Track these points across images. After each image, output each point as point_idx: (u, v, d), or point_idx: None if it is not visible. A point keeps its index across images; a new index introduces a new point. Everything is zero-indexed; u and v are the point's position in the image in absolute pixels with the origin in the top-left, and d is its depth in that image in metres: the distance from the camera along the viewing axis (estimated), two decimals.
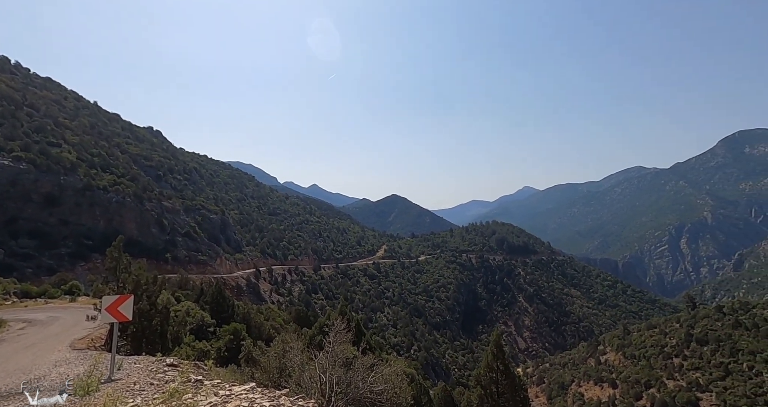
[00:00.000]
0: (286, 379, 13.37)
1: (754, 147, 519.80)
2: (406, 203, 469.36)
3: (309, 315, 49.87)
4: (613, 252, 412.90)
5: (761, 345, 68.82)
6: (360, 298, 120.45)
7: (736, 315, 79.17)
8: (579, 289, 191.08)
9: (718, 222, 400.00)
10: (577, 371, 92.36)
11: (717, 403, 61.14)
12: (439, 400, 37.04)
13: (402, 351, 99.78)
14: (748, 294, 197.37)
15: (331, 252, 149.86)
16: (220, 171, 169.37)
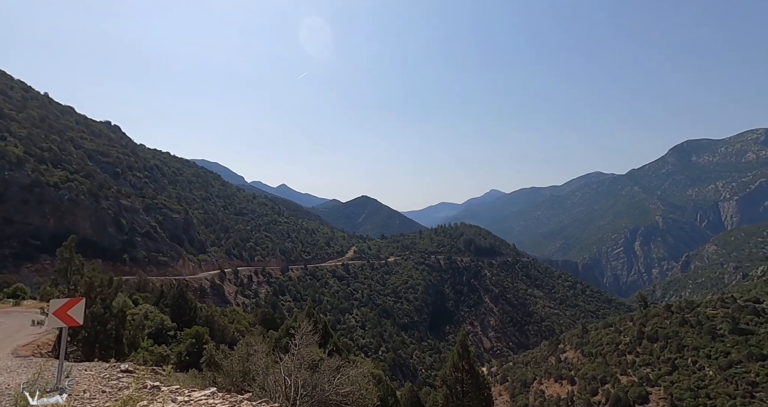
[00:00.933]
0: (250, 383, 13.06)
1: (700, 156, 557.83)
2: (376, 204, 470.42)
3: (275, 318, 48.89)
4: (573, 254, 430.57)
5: (704, 342, 73.81)
6: (328, 300, 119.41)
7: (682, 314, 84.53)
8: (542, 290, 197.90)
9: (668, 226, 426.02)
10: (539, 369, 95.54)
11: (664, 397, 64.92)
12: (405, 401, 37.25)
13: (370, 352, 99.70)
14: (693, 294, 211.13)
15: (300, 253, 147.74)
16: (183, 169, 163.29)
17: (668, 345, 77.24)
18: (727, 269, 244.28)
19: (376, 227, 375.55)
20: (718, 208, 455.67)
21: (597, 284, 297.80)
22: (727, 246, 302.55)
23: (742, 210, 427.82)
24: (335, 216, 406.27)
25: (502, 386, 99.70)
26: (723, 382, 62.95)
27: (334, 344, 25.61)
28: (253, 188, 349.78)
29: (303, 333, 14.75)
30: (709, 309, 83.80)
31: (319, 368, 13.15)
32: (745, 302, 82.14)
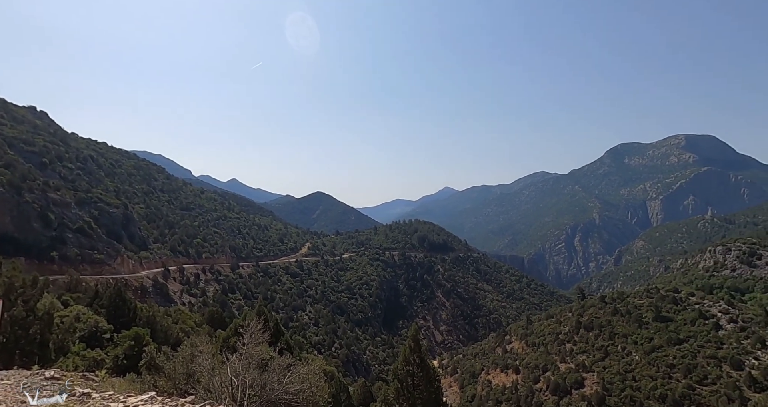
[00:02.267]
0: (194, 386, 12.54)
1: (631, 158, 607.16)
2: (331, 200, 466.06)
3: (224, 317, 47.14)
4: (520, 249, 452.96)
5: (631, 329, 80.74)
6: (281, 297, 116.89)
7: (614, 304, 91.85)
8: (491, 284, 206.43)
9: (604, 223, 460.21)
10: (487, 360, 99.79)
11: (597, 381, 70.34)
12: (358, 396, 37.49)
13: (323, 349, 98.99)
14: (624, 286, 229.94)
15: (251, 250, 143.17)
16: (123, 160, 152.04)
17: (602, 333, 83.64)
18: (653, 262, 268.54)
19: (331, 223, 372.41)
20: (646, 207, 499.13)
21: (541, 278, 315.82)
22: (653, 241, 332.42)
23: (665, 209, 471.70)
24: (289, 212, 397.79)
25: (452, 377, 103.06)
26: (647, 366, 69.26)
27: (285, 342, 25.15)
28: (201, 182, 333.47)
29: (252, 331, 14.34)
30: (636, 299, 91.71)
31: (268, 367, 12.87)
32: (666, 292, 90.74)
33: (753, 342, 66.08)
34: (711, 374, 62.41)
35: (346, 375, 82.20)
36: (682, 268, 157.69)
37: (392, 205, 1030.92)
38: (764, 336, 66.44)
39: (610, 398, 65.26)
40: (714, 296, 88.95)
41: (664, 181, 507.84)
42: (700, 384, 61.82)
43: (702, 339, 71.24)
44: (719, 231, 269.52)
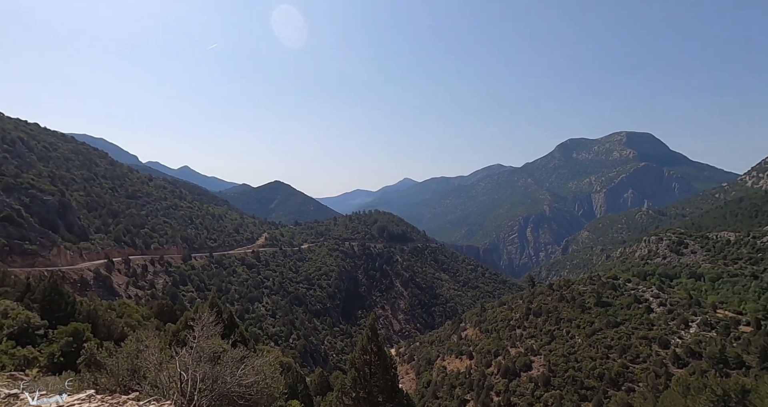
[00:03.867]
0: (140, 382, 11.97)
1: (579, 153, 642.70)
2: (290, 190, 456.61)
3: (175, 310, 45.14)
4: (476, 239, 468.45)
5: (575, 314, 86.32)
6: (236, 289, 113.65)
7: (561, 291, 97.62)
8: (447, 273, 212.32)
9: (554, 214, 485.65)
10: (442, 347, 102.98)
11: (544, 364, 74.74)
12: (315, 386, 37.46)
13: (280, 340, 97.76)
14: (570, 274, 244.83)
15: (205, 241, 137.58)
16: (58, 144, 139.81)
17: (549, 318, 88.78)
18: (596, 251, 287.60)
19: (290, 213, 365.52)
20: (591, 199, 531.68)
21: (495, 267, 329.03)
22: (596, 231, 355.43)
23: (608, 201, 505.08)
24: (245, 202, 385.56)
25: (409, 365, 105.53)
26: (588, 347, 74.47)
27: (239, 334, 24.54)
28: (150, 169, 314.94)
29: (204, 324, 13.88)
30: (580, 286, 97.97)
31: (221, 360, 12.52)
32: (606, 279, 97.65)
33: (678, 323, 72.84)
34: (642, 353, 68.22)
35: (304, 365, 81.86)
36: (621, 257, 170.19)
37: (352, 196, 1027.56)
38: (687, 318, 73.40)
39: (555, 378, 69.64)
40: (647, 282, 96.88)
41: (607, 175, 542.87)
42: (633, 362, 67.43)
43: (636, 321, 77.53)
44: (653, 223, 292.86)
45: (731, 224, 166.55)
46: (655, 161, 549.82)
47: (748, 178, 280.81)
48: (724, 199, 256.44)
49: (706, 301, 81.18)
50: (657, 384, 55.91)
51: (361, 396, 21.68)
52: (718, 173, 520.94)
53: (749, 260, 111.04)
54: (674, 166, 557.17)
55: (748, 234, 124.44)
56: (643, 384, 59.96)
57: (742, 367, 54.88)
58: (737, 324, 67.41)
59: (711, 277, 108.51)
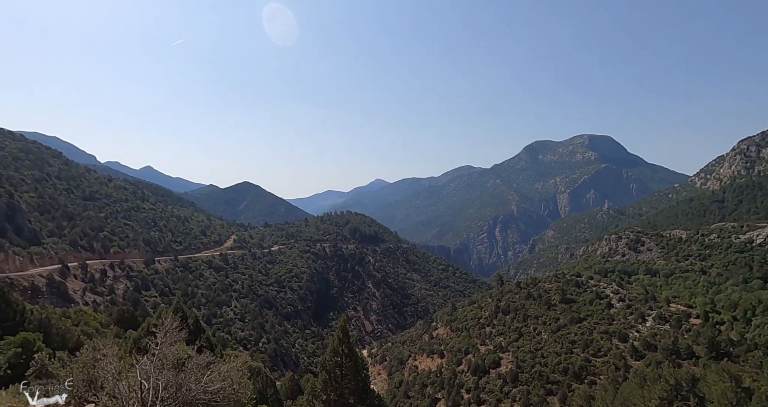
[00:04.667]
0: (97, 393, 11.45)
1: (545, 155, 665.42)
2: (259, 191, 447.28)
3: (136, 316, 43.20)
4: (447, 239, 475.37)
5: (541, 311, 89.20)
6: (203, 293, 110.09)
7: (528, 289, 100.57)
8: (419, 273, 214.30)
9: (521, 214, 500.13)
10: (414, 346, 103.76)
11: (512, 360, 76.77)
12: (286, 390, 36.86)
13: (249, 344, 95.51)
14: (536, 272, 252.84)
15: (169, 243, 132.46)
16: (5, 142, 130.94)
17: (517, 316, 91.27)
18: (560, 250, 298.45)
19: (260, 215, 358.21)
20: (556, 199, 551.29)
21: (465, 266, 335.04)
22: (561, 231, 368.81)
23: (572, 201, 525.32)
24: (213, 203, 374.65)
25: (381, 365, 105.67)
26: (553, 343, 77.11)
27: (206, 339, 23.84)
28: (109, 169, 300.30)
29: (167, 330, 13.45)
30: (546, 284, 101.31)
31: (185, 367, 12.18)
32: (570, 277, 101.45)
33: (636, 318, 76.70)
34: (603, 347, 71.36)
35: (274, 369, 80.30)
36: (584, 255, 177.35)
37: (324, 197, 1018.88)
38: (644, 312, 77.43)
39: (522, 374, 71.65)
40: (608, 279, 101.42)
41: (571, 176, 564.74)
42: (595, 356, 70.41)
43: (597, 316, 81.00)
44: (613, 222, 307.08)
45: (683, 223, 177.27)
46: (615, 163, 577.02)
47: (697, 179, 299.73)
48: (676, 199, 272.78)
49: (661, 296, 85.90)
50: (617, 376, 58.62)
51: (332, 399, 21.54)
52: (671, 174, 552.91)
53: (698, 256, 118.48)
54: (632, 167, 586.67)
55: (698, 232, 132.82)
56: (604, 377, 62.70)
57: (693, 358, 58.43)
58: (688, 317, 71.70)
59: (665, 273, 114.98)
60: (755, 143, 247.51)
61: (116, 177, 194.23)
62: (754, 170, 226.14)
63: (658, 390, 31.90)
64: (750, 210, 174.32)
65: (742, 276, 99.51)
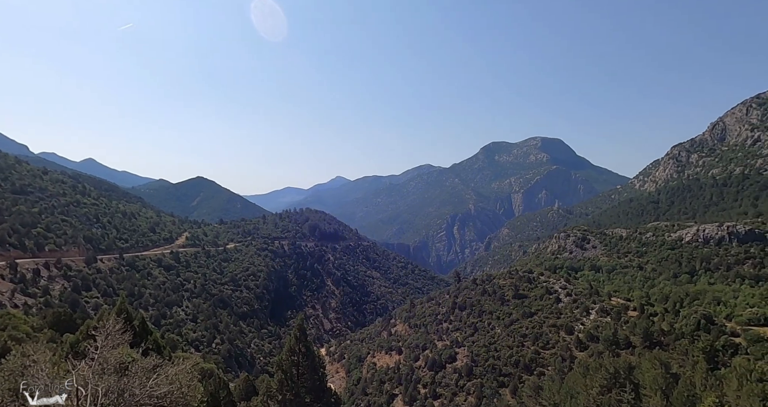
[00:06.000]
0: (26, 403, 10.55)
1: (501, 155, 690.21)
2: (214, 187, 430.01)
3: (74, 318, 40.17)
4: (407, 237, 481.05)
5: (496, 306, 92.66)
6: (152, 293, 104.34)
7: (483, 285, 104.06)
8: (379, 271, 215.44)
9: (478, 213, 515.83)
10: (373, 343, 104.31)
11: (467, 354, 79.24)
12: (240, 392, 35.76)
13: (202, 346, 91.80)
14: (492, 269, 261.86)
15: (114, 241, 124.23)
16: None
17: (473, 311, 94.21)
18: (514, 248, 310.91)
19: (214, 211, 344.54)
20: (511, 199, 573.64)
21: (424, 264, 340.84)
22: (515, 229, 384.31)
23: (525, 201, 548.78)
24: (163, 199, 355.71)
25: (339, 363, 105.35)
26: (506, 337, 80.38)
27: (153, 342, 22.59)
28: (44, 161, 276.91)
29: (109, 332, 12.69)
30: (500, 280, 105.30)
31: (129, 371, 11.53)
32: (523, 273, 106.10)
33: (581, 311, 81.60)
34: (552, 340, 75.35)
35: (228, 371, 77.77)
36: (535, 252, 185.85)
37: (282, 193, 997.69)
38: (588, 306, 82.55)
39: (477, 368, 74.16)
40: (557, 275, 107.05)
41: (525, 176, 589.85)
42: (544, 348, 74.19)
43: (547, 311, 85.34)
44: (563, 220, 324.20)
45: (623, 222, 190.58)
46: (565, 165, 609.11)
47: (636, 181, 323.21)
48: (618, 200, 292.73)
49: (603, 291, 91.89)
50: (563, 367, 62.10)
51: (288, 399, 21.19)
52: (614, 177, 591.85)
53: (636, 253, 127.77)
54: (580, 169, 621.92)
55: (636, 230, 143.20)
56: (552, 368, 66.22)
57: (630, 347, 63.03)
58: (626, 310, 77.20)
59: (607, 269, 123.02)
60: (686, 149, 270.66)
61: (53, 169, 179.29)
62: (684, 174, 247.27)
63: (599, 379, 34.13)
64: (680, 211, 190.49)
65: (673, 272, 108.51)
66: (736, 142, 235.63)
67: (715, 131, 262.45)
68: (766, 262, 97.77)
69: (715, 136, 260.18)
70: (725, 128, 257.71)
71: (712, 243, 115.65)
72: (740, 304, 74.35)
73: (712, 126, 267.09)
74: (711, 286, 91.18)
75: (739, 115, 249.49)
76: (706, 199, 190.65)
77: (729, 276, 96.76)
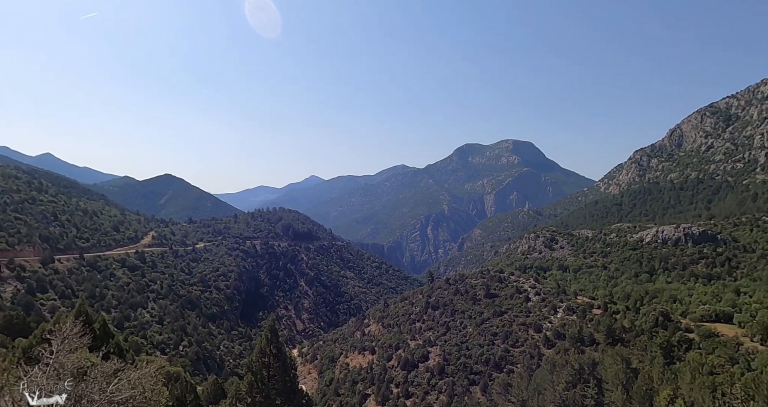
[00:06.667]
0: None
1: (474, 157, 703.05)
2: (183, 185, 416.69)
3: (28, 322, 37.94)
4: (381, 237, 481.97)
5: (468, 306, 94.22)
6: (115, 294, 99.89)
7: (456, 285, 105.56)
8: (353, 271, 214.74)
9: (452, 214, 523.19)
10: (346, 344, 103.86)
11: (439, 353, 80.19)
12: (208, 395, 34.79)
13: (168, 348, 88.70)
14: (464, 268, 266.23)
15: (73, 240, 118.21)
16: None
17: (445, 311, 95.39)
18: (486, 248, 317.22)
19: (183, 210, 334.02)
20: (483, 200, 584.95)
21: (398, 264, 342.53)
22: (487, 230, 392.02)
23: (497, 202, 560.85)
24: (129, 197, 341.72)
25: (312, 364, 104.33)
26: (477, 336, 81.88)
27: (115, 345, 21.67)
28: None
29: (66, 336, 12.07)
30: (473, 280, 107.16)
31: (87, 376, 11.02)
32: (494, 273, 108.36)
33: (549, 310, 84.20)
34: (521, 338, 77.37)
35: (196, 373, 75.57)
36: (506, 252, 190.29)
37: (255, 192, 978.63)
38: (556, 304, 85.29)
39: (449, 367, 75.19)
40: (527, 274, 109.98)
41: (497, 178, 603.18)
42: (513, 346, 76.09)
43: (517, 310, 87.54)
44: (533, 221, 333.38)
45: (589, 223, 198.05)
46: (535, 167, 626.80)
47: (601, 184, 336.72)
48: (585, 202, 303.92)
49: (570, 290, 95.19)
50: (531, 364, 63.85)
51: (258, 401, 20.79)
52: (582, 179, 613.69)
53: (601, 253, 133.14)
54: (549, 172, 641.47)
55: (601, 231, 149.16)
56: (520, 365, 67.96)
57: (594, 344, 65.56)
58: (591, 308, 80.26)
59: (574, 269, 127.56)
60: (647, 154, 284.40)
61: (4, 164, 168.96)
62: (645, 177, 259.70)
63: (565, 375, 35.33)
64: (642, 213, 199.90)
65: (634, 271, 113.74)
66: (692, 148, 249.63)
67: (673, 137, 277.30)
68: (717, 262, 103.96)
69: (673, 141, 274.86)
70: (682, 135, 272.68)
71: (670, 244, 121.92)
72: (694, 302, 78.83)
73: (670, 132, 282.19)
74: (668, 285, 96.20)
75: (694, 123, 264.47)
76: (665, 201, 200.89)
77: (684, 276, 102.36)
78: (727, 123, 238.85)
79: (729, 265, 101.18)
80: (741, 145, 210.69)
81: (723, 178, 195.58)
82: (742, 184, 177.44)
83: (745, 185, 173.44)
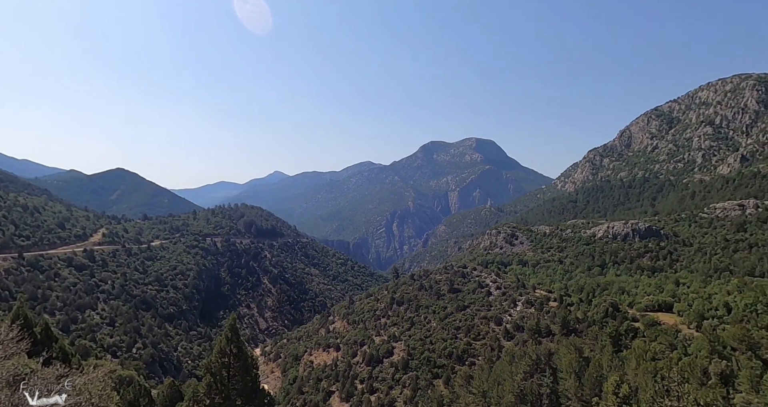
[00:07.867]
0: None
1: (438, 154, 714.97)
2: (137, 179, 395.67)
3: None
4: (347, 234, 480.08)
5: (432, 301, 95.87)
6: (60, 295, 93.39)
7: (420, 281, 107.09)
8: (318, 268, 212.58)
9: (417, 210, 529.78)
10: (310, 341, 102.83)
11: (404, 348, 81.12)
12: (164, 398, 33.38)
13: (120, 351, 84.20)
14: (429, 264, 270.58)
15: (11, 238, 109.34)
16: None
17: (410, 306, 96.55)
18: (450, 243, 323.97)
19: (137, 206, 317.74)
20: (447, 197, 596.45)
21: (364, 260, 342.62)
22: (451, 226, 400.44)
23: (461, 199, 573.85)
24: (76, 192, 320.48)
25: (275, 363, 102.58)
26: (441, 330, 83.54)
27: (59, 349, 20.28)
28: None
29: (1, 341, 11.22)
30: (437, 275, 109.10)
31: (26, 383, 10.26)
32: (458, 268, 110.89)
33: (509, 303, 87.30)
34: (482, 331, 79.70)
35: (151, 376, 72.36)
36: (470, 248, 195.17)
37: (216, 188, 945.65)
38: (515, 298, 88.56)
39: (413, 361, 76.24)
40: (488, 269, 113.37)
41: (461, 175, 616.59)
42: (475, 339, 78.27)
43: (479, 304, 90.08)
44: (495, 218, 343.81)
45: (547, 219, 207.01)
46: (497, 165, 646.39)
47: (558, 182, 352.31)
48: (543, 199, 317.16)
49: (529, 283, 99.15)
50: (492, 356, 65.92)
51: (217, 402, 20.16)
52: (540, 177, 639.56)
53: (558, 248, 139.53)
54: (510, 169, 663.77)
55: (557, 227, 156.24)
56: (482, 358, 70.03)
57: (550, 335, 68.68)
58: (548, 301, 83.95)
59: (533, 263, 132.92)
60: (600, 153, 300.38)
61: None
62: (598, 176, 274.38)
63: (523, 366, 36.78)
64: (594, 209, 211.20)
65: (587, 265, 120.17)
66: (640, 149, 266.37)
67: (623, 138, 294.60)
68: (660, 255, 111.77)
69: (623, 142, 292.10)
70: (631, 136, 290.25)
71: (619, 239, 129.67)
72: (640, 293, 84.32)
73: (620, 133, 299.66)
74: (617, 277, 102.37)
75: (641, 125, 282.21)
76: (615, 198, 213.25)
77: (632, 268, 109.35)
78: (670, 125, 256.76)
79: (670, 258, 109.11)
80: (681, 146, 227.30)
81: (666, 177, 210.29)
82: (682, 182, 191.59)
83: (685, 183, 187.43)
